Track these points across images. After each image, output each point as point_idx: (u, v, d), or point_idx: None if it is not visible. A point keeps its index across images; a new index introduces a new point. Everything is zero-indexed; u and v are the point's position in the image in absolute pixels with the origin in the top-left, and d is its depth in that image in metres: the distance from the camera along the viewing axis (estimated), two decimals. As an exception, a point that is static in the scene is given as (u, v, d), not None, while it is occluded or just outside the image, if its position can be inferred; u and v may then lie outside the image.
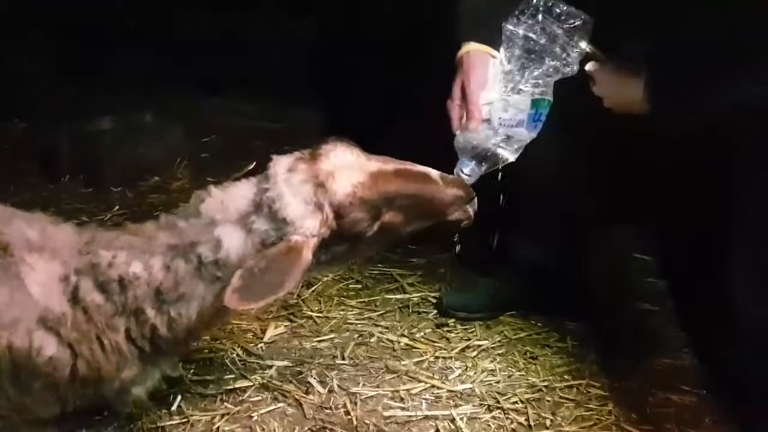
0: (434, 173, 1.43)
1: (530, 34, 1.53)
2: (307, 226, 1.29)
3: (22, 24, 3.71)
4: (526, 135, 1.59)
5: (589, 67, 1.69)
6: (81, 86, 3.68)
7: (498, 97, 1.56)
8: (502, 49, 1.58)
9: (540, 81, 1.55)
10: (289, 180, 1.32)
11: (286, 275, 1.25)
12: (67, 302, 1.29)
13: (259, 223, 1.32)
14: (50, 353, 1.27)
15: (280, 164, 1.36)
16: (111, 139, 3.21)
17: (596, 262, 2.45)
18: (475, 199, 1.49)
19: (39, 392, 1.30)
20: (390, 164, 1.39)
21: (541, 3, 1.54)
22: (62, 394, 1.33)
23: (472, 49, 1.66)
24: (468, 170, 1.58)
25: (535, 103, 1.56)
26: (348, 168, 1.34)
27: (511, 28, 1.56)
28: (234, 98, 3.92)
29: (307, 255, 1.28)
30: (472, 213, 1.49)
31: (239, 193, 1.37)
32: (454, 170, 1.59)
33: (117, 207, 2.93)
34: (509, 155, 1.59)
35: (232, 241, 1.33)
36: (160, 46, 3.90)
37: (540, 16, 1.53)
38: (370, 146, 1.45)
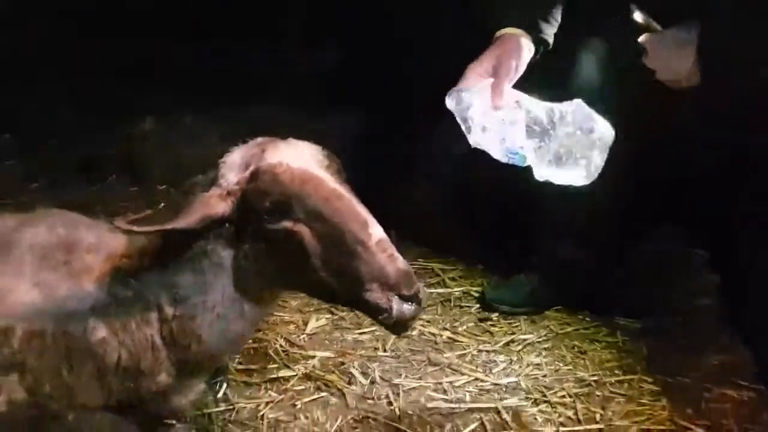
0: (377, 231, 1.22)
1: (559, 133, 1.55)
2: (229, 178, 1.29)
3: (65, 29, 3.80)
4: (497, 148, 1.59)
5: (641, 38, 1.67)
6: (124, 89, 3.75)
7: (524, 102, 1.58)
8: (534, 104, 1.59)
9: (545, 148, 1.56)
10: (247, 145, 1.34)
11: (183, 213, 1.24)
12: (110, 296, 1.37)
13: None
14: (101, 335, 1.35)
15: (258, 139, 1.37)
16: (155, 140, 3.26)
17: (647, 256, 2.38)
18: (422, 298, 1.22)
19: (87, 377, 1.36)
20: (344, 190, 1.26)
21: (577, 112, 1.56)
22: (107, 381, 1.37)
23: (509, 32, 1.68)
24: (467, 96, 1.58)
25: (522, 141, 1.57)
26: (298, 154, 1.29)
27: (545, 121, 1.57)
28: (279, 102, 3.92)
29: (216, 204, 1.26)
30: (396, 312, 1.21)
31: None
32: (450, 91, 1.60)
33: (162, 204, 2.97)
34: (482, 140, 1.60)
35: None
36: (208, 51, 3.95)
37: (570, 127, 1.55)
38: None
